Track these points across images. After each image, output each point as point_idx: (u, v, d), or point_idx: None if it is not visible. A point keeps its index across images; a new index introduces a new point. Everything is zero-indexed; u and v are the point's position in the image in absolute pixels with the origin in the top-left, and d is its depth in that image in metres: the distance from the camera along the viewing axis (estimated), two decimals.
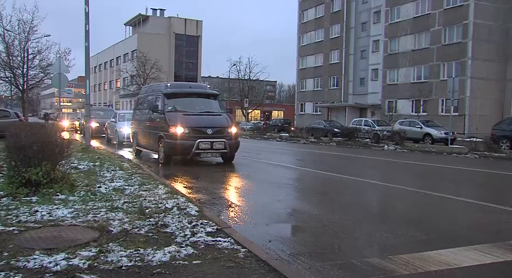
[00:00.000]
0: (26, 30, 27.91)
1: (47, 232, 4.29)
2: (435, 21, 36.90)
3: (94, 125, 22.93)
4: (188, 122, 11.24)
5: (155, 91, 13.18)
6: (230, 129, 11.71)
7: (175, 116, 11.38)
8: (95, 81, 79.82)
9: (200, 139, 11.04)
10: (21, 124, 7.31)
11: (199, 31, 71.03)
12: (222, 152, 11.57)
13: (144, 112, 13.61)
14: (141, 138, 13.69)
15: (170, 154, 11.45)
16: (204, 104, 12.62)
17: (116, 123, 19.13)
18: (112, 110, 31.25)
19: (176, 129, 11.03)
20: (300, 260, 3.95)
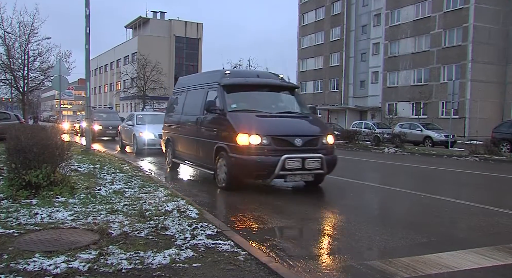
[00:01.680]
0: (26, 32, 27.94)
1: (47, 235, 4.29)
2: (435, 24, 36.96)
3: (97, 128, 22.65)
4: (266, 128, 7.51)
5: (206, 83, 9.36)
6: (326, 139, 7.92)
7: (246, 119, 7.71)
8: (95, 83, 79.88)
9: (287, 154, 7.26)
10: (22, 127, 7.32)
11: (200, 33, 71.13)
12: (317, 173, 7.71)
13: (187, 112, 10.01)
14: (182, 148, 10.14)
15: (238, 175, 7.67)
16: (280, 101, 9.20)
17: (134, 127, 16.18)
18: (115, 112, 30.16)
19: (249, 138, 7.28)
20: (300, 262, 3.94)
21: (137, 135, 15.45)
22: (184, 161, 10.07)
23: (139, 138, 15.35)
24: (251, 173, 7.57)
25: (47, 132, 6.57)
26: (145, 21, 70.64)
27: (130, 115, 18.59)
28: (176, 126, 10.59)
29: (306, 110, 8.90)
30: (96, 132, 22.91)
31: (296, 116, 8.42)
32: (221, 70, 9.38)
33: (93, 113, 24.27)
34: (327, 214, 6.28)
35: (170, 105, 11.97)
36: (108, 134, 23.90)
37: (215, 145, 8.07)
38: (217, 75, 8.99)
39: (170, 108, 11.72)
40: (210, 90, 8.84)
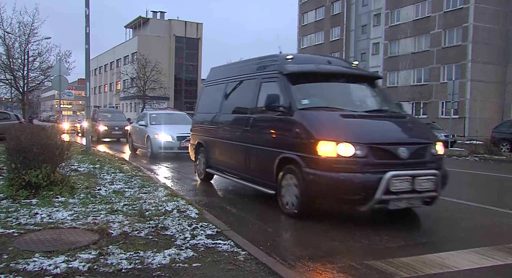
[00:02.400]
0: (26, 32, 27.90)
1: (47, 235, 4.29)
2: (435, 24, 36.97)
3: (102, 128, 21.75)
4: (360, 133, 5.44)
5: (258, 72, 7.09)
6: (435, 148, 5.83)
7: (328, 120, 5.65)
8: (95, 83, 79.87)
9: (392, 171, 5.17)
10: (21, 127, 7.32)
11: (199, 33, 71.13)
12: (429, 196, 5.55)
13: (228, 110, 7.80)
14: (222, 156, 7.99)
15: (317, 199, 5.65)
16: (363, 95, 7.04)
17: (147, 127, 14.33)
18: (121, 112, 28.38)
19: (337, 148, 5.18)
20: (300, 262, 3.94)
21: (152, 137, 13.59)
22: (224, 172, 7.91)
23: (154, 140, 13.47)
24: (339, 197, 5.36)
25: (47, 132, 6.57)
26: (145, 21, 70.65)
27: (142, 114, 16.67)
28: (212, 128, 8.35)
29: (397, 108, 6.85)
30: (101, 133, 22.11)
31: (391, 116, 6.29)
32: (279, 55, 7.05)
33: (98, 113, 23.44)
34: (326, 213, 6.28)
35: (201, 101, 9.54)
36: (114, 135, 22.78)
37: (278, 155, 5.92)
38: (275, 61, 6.75)
39: (202, 105, 9.33)
40: (265, 82, 6.69)
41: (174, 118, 15.32)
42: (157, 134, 13.50)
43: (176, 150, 13.24)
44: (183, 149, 12.73)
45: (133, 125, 16.43)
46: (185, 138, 12.57)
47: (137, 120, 16.16)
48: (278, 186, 6.01)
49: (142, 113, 17.28)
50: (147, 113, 15.95)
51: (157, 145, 13.42)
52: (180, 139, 13.04)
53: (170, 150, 13.40)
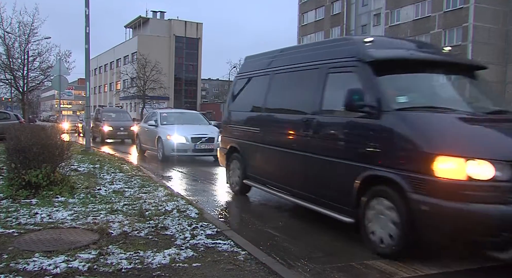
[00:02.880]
0: (26, 32, 27.90)
1: (46, 234, 4.29)
2: (435, 24, 36.98)
3: (106, 129, 20.87)
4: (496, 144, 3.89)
5: (325, 58, 5.39)
6: None
7: (444, 125, 4.04)
8: (95, 83, 79.85)
9: None
10: (21, 127, 7.32)
11: (199, 33, 71.14)
12: None
13: (277, 109, 6.27)
14: (267, 165, 6.45)
15: (433, 236, 3.80)
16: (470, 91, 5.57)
17: (158, 128, 13.00)
18: (125, 112, 26.87)
19: (466, 166, 3.54)
20: (300, 262, 3.94)
21: (164, 139, 12.30)
22: (268, 185, 6.37)
23: (166, 142, 12.21)
24: (467, 238, 3.64)
25: (47, 132, 6.57)
26: (145, 21, 70.65)
27: (151, 113, 15.36)
28: (253, 130, 6.69)
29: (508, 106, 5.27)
30: (106, 133, 21.15)
31: None
32: (353, 38, 5.73)
33: (102, 113, 22.71)
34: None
35: (235, 96, 7.79)
36: (119, 136, 21.66)
37: (360, 172, 4.36)
38: (350, 45, 5.10)
39: (237, 101, 7.66)
40: (334, 72, 5.12)
41: (187, 118, 14.20)
42: (169, 136, 12.20)
43: (190, 152, 12.10)
44: (198, 151, 12.10)
45: (141, 125, 15.09)
46: (200, 139, 11.98)
47: (146, 120, 14.95)
48: (360, 214, 4.40)
49: (151, 112, 15.53)
50: (157, 112, 14.47)
51: (170, 147, 12.16)
52: (195, 140, 12.03)
53: (184, 152, 12.18)
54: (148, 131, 13.77)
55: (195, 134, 12.17)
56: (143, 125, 14.75)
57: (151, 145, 13.42)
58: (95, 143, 20.23)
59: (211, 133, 12.38)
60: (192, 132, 12.24)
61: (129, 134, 20.77)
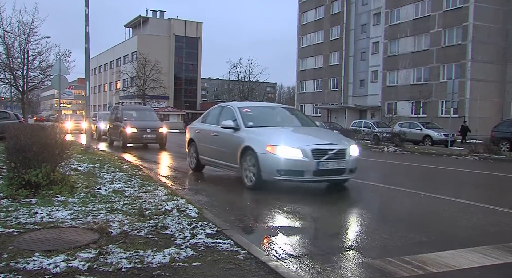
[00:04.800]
0: (26, 31, 27.98)
1: (46, 234, 4.29)
2: (435, 23, 36.98)
3: (129, 131, 17.23)
4: None
5: None
6: None
7: None
8: (95, 83, 79.87)
9: None
10: (21, 126, 7.32)
11: (199, 33, 71.16)
12: None
13: None
14: None
15: None
16: None
17: (241, 132, 8.34)
18: (151, 109, 22.47)
19: None
20: (299, 261, 3.94)
21: (260, 152, 7.50)
22: None
23: (265, 158, 7.40)
24: None
25: (47, 132, 6.56)
26: (145, 20, 70.67)
27: (218, 109, 10.09)
28: None
29: None
30: (129, 136, 17.35)
31: None
32: None
33: (123, 111, 18.85)
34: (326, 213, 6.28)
35: None
36: (145, 139, 17.72)
37: None
38: None
39: None
40: None
41: (282, 116, 9.53)
42: (272, 147, 7.36)
43: (309, 175, 7.29)
44: (322, 173, 7.39)
45: (199, 127, 10.33)
46: (325, 153, 7.30)
47: (206, 119, 10.30)
48: None
49: (217, 106, 10.35)
50: (232, 107, 9.29)
51: (272, 166, 7.33)
52: (318, 154, 7.27)
53: (298, 175, 7.33)
54: (220, 137, 9.01)
55: (317, 145, 7.46)
56: (202, 128, 10.11)
57: (227, 160, 8.68)
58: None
59: (339, 142, 7.84)
60: (311, 141, 7.59)
61: (157, 137, 17.63)
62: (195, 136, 10.33)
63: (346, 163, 7.53)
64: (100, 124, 23.77)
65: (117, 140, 18.52)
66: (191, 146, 10.51)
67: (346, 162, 7.54)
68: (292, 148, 7.30)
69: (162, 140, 17.70)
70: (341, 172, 7.54)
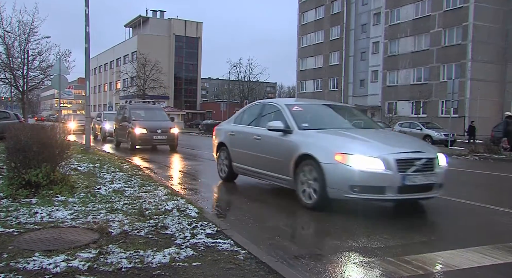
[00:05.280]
0: (26, 31, 27.95)
1: (46, 234, 4.28)
2: (435, 23, 36.98)
3: (138, 131, 16.04)
4: None
5: None
6: None
7: None
8: (95, 82, 79.88)
9: None
10: (21, 126, 7.31)
11: (199, 32, 71.19)
12: None
13: None
14: None
15: None
16: None
17: (294, 136, 6.67)
18: (160, 109, 20.66)
19: None
20: (300, 261, 3.94)
21: (325, 162, 5.91)
22: None
23: (332, 169, 5.84)
24: None
25: (47, 132, 6.56)
26: (145, 20, 70.70)
27: (254, 106, 8.61)
28: None
29: None
30: (138, 138, 16.16)
31: None
32: None
33: (130, 111, 17.54)
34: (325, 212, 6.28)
35: None
36: (155, 141, 16.57)
37: None
38: None
39: None
40: None
41: (341, 117, 7.92)
42: (343, 156, 5.77)
43: (393, 193, 5.70)
44: (410, 191, 5.80)
45: (232, 129, 8.65)
46: (413, 164, 5.77)
47: (238, 119, 8.78)
48: None
49: (255, 104, 8.77)
50: (279, 104, 7.55)
51: (343, 180, 5.74)
52: (404, 166, 5.73)
53: (379, 194, 5.72)
54: (263, 142, 7.38)
55: (402, 153, 5.83)
56: (237, 130, 8.49)
57: (273, 170, 7.05)
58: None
59: (425, 149, 6.34)
60: (392, 148, 5.91)
61: (169, 138, 16.54)
62: (227, 140, 8.64)
63: (436, 176, 6.01)
64: (105, 125, 23.04)
65: (124, 141, 17.43)
66: (221, 151, 8.89)
67: (436, 175, 6.01)
68: (370, 157, 5.66)
69: (174, 141, 16.67)
70: (430, 187, 5.96)
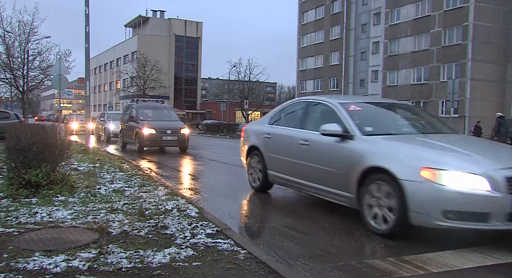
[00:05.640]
0: (26, 31, 27.91)
1: (47, 234, 4.29)
2: (435, 23, 36.96)
3: (147, 132, 15.09)
4: None
5: None
6: None
7: None
8: (95, 82, 79.88)
9: None
10: (21, 126, 7.32)
11: (199, 32, 71.19)
12: None
13: None
14: None
15: None
16: None
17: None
18: (170, 108, 19.81)
19: None
20: (300, 261, 3.94)
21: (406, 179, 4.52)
22: None
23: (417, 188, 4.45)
24: None
25: (47, 131, 6.56)
26: (145, 20, 70.69)
27: (296, 104, 7.19)
28: None
29: None
30: (146, 139, 15.18)
31: None
32: None
33: (138, 110, 16.40)
34: (326, 212, 6.27)
35: None
36: (165, 142, 15.59)
37: None
38: None
39: None
40: None
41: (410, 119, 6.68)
42: (433, 171, 4.44)
43: (500, 222, 4.28)
44: None
45: (268, 130, 7.22)
46: None
47: (275, 118, 7.35)
48: None
49: (297, 102, 7.31)
50: (331, 103, 6.10)
51: (433, 203, 4.37)
52: None
53: (481, 222, 4.31)
54: (313, 149, 6.01)
55: None
56: (275, 132, 7.06)
57: (328, 183, 5.74)
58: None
59: None
60: (495, 162, 4.63)
61: (179, 139, 15.59)
62: (262, 143, 7.28)
63: None
64: (110, 125, 21.82)
65: (131, 143, 16.22)
66: (252, 156, 7.54)
67: None
68: (470, 174, 4.40)
69: (184, 142, 15.75)
70: None
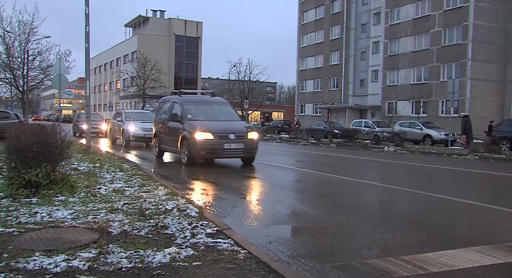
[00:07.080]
0: (26, 31, 27.90)
1: (47, 233, 4.29)
2: (435, 23, 36.94)
3: (200, 137, 10.54)
4: None
5: None
6: None
7: None
8: (95, 82, 79.84)
9: None
10: (21, 126, 7.31)
11: (199, 32, 71.12)
12: None
13: None
14: None
15: None
16: None
17: None
18: (224, 102, 13.99)
19: None
20: (300, 261, 3.94)
21: None
22: None
23: None
24: None
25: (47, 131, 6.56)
26: (145, 20, 70.62)
27: None
28: None
29: None
30: (200, 146, 10.85)
31: None
32: None
33: (182, 106, 12.04)
34: (326, 212, 6.28)
35: None
36: (228, 152, 11.10)
37: None
38: None
39: None
40: None
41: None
42: None
43: None
44: None
45: None
46: None
47: None
48: None
49: None
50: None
51: None
52: None
53: None
54: None
55: None
56: None
57: None
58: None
59: None
60: None
61: (246, 148, 11.26)
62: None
63: None
64: (129, 127, 18.95)
65: (174, 151, 12.24)
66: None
67: None
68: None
69: (253, 151, 11.54)
70: None
